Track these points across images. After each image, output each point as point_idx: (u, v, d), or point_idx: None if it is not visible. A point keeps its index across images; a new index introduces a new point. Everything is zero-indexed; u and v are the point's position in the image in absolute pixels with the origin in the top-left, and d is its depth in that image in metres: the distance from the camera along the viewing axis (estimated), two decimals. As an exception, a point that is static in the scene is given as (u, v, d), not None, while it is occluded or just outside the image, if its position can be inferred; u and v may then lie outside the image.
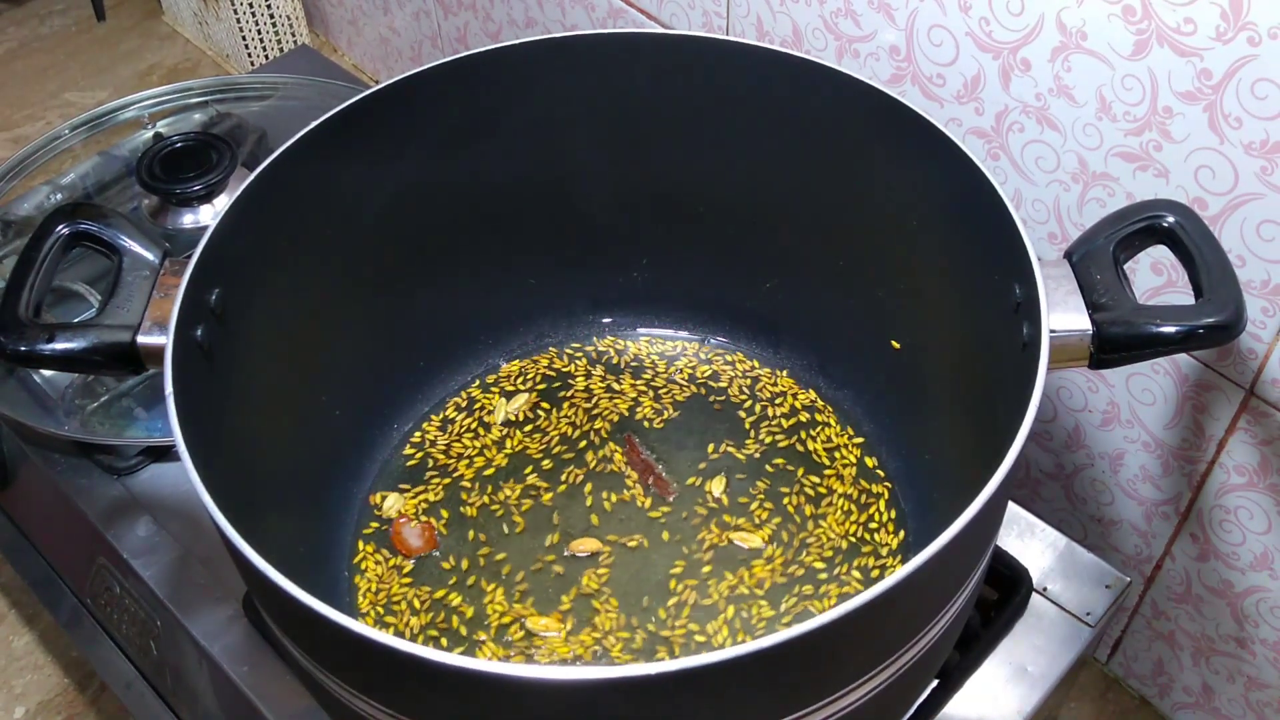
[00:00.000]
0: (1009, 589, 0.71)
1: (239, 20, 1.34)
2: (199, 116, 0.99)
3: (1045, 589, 0.72)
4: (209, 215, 0.88)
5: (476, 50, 0.69)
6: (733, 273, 0.79)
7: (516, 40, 0.70)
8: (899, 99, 0.63)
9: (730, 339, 0.83)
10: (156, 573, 0.75)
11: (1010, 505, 0.73)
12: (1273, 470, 0.70)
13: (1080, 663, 0.70)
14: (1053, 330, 0.53)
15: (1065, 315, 0.55)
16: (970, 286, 0.63)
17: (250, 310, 0.62)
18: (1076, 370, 0.77)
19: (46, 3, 1.55)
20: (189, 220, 0.89)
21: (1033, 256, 0.55)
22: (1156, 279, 0.69)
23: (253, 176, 0.62)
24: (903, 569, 0.45)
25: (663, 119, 0.73)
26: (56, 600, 0.86)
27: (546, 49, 0.70)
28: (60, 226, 0.60)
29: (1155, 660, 0.86)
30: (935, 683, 0.67)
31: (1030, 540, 0.74)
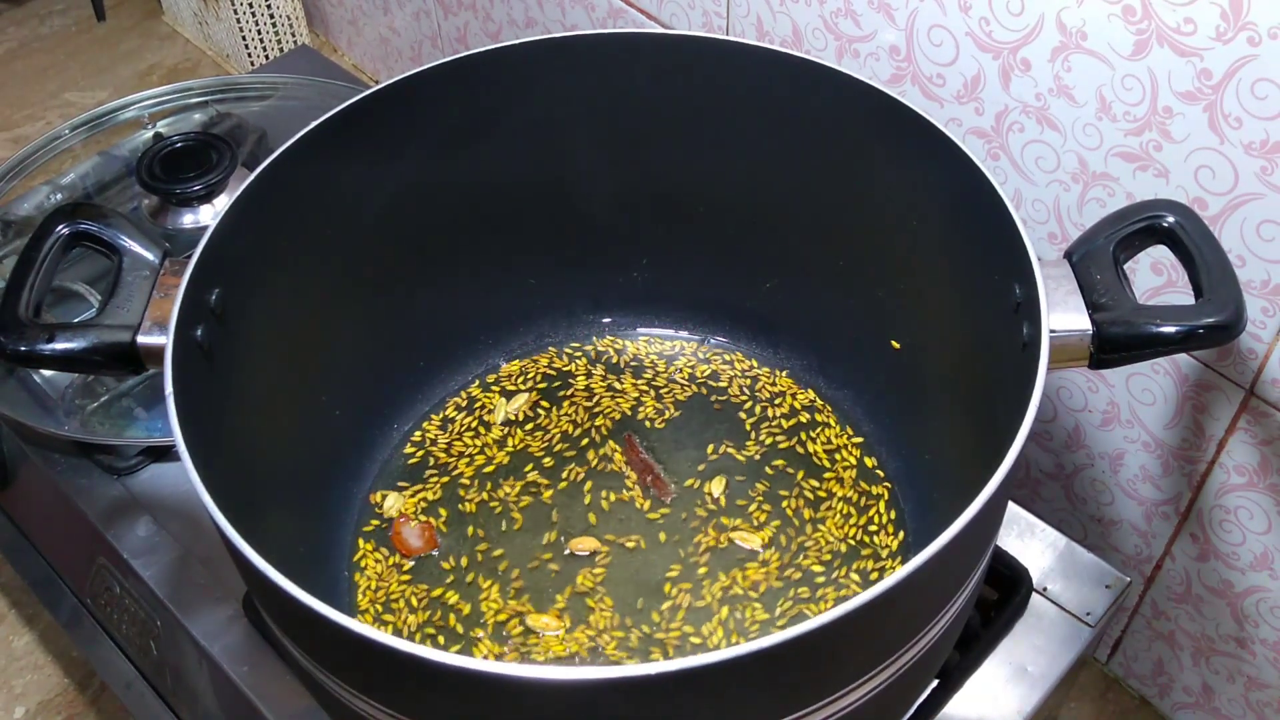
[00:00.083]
0: (1009, 589, 0.71)
1: (239, 20, 1.33)
2: (199, 116, 0.99)
3: (1045, 589, 0.72)
4: (209, 215, 0.88)
5: (476, 50, 0.69)
6: (733, 273, 0.79)
7: (516, 40, 0.70)
8: (899, 99, 0.63)
9: (730, 339, 0.83)
10: (156, 573, 0.75)
11: (1010, 505, 0.73)
12: (1273, 470, 0.70)
13: (1080, 663, 0.70)
14: (1053, 330, 0.53)
15: (1065, 315, 0.55)
16: (970, 286, 0.63)
17: (250, 310, 0.62)
18: (1076, 370, 0.77)
19: (46, 3, 1.55)
20: (189, 220, 0.89)
21: (1033, 256, 0.55)
22: (1156, 279, 0.69)
23: (253, 176, 0.62)
24: (903, 569, 0.45)
25: (663, 119, 0.73)
26: (56, 600, 0.86)
27: (546, 49, 0.70)
28: (60, 226, 0.60)
29: (1155, 660, 0.86)
30: (935, 683, 0.67)
31: (1030, 540, 0.74)
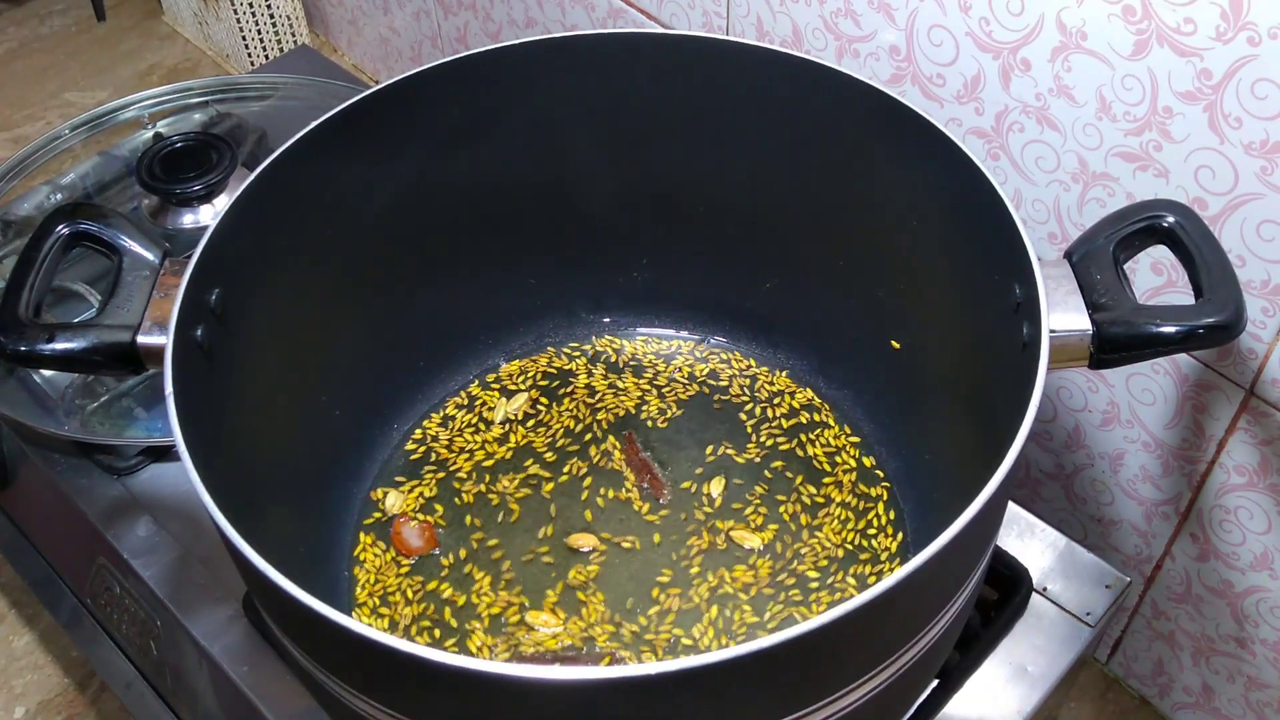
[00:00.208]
0: (1009, 589, 0.71)
1: (239, 20, 1.33)
2: (199, 116, 0.99)
3: (1045, 589, 0.72)
4: (209, 215, 0.88)
5: (476, 50, 0.69)
6: (733, 273, 0.79)
7: (516, 40, 0.70)
8: (899, 99, 0.63)
9: (730, 339, 0.83)
10: (156, 573, 0.75)
11: (1010, 505, 0.73)
12: (1273, 470, 0.70)
13: (1080, 663, 0.70)
14: (1053, 330, 0.53)
15: (1065, 315, 0.55)
16: (970, 286, 0.63)
17: (250, 310, 0.62)
18: (1076, 370, 0.77)
19: (46, 3, 1.55)
20: (189, 220, 0.89)
21: (1033, 256, 0.55)
22: (1156, 279, 0.69)
23: (253, 176, 0.62)
24: (902, 569, 0.45)
25: (663, 119, 0.73)
26: (56, 600, 0.86)
27: (546, 49, 0.70)
28: (60, 226, 0.60)
29: (1155, 660, 0.86)
30: (935, 683, 0.67)
31: (1030, 540, 0.74)
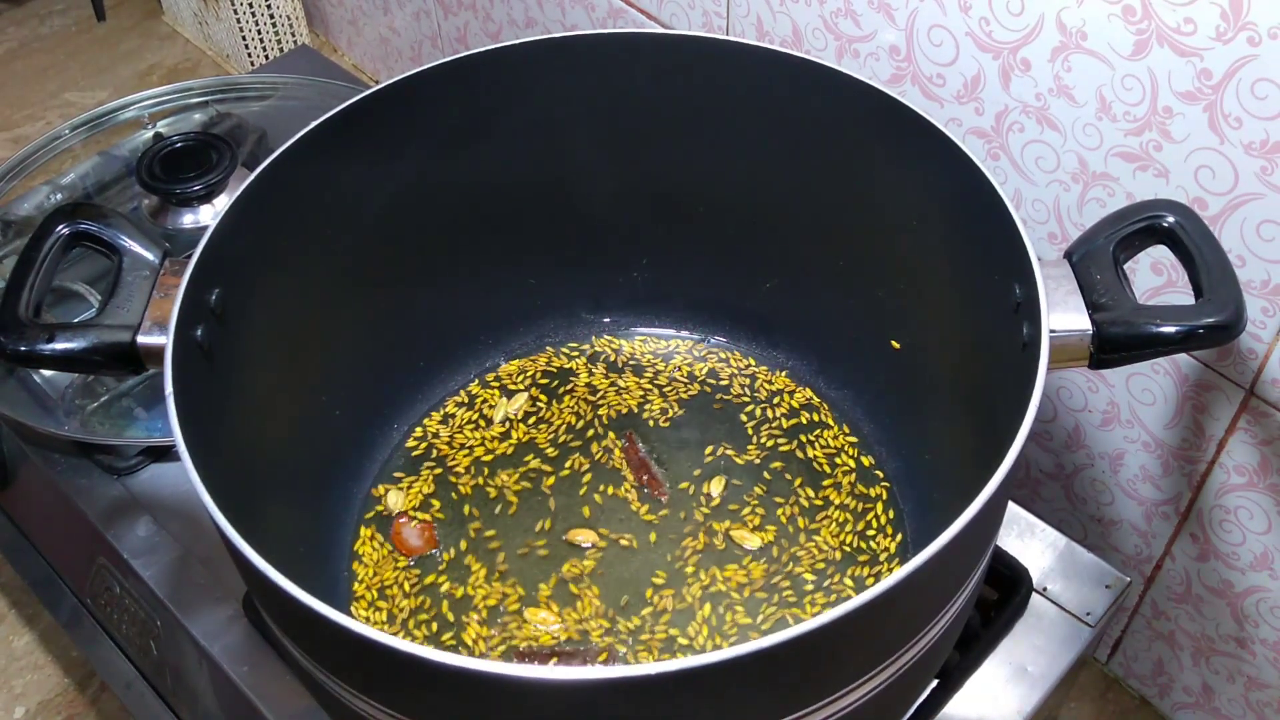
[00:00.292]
0: (1009, 589, 0.71)
1: (239, 20, 1.33)
2: (199, 116, 0.99)
3: (1045, 589, 0.72)
4: (209, 215, 0.88)
5: (476, 50, 0.69)
6: (733, 273, 0.79)
7: (516, 40, 0.70)
8: (899, 99, 0.63)
9: (730, 339, 0.83)
10: (156, 573, 0.75)
11: (1010, 505, 0.73)
12: (1273, 470, 0.70)
13: (1080, 663, 0.70)
14: (1053, 330, 0.53)
15: (1065, 315, 0.55)
16: (970, 286, 0.63)
17: (250, 310, 0.62)
18: (1076, 370, 0.77)
19: (46, 3, 1.55)
20: (189, 220, 0.89)
21: (1033, 256, 0.55)
22: (1156, 279, 0.69)
23: (253, 176, 0.62)
24: (902, 569, 0.45)
25: (663, 119, 0.73)
26: (56, 600, 0.86)
27: (546, 49, 0.70)
28: (60, 226, 0.60)
29: (1155, 660, 0.86)
30: (935, 683, 0.67)
31: (1030, 540, 0.74)
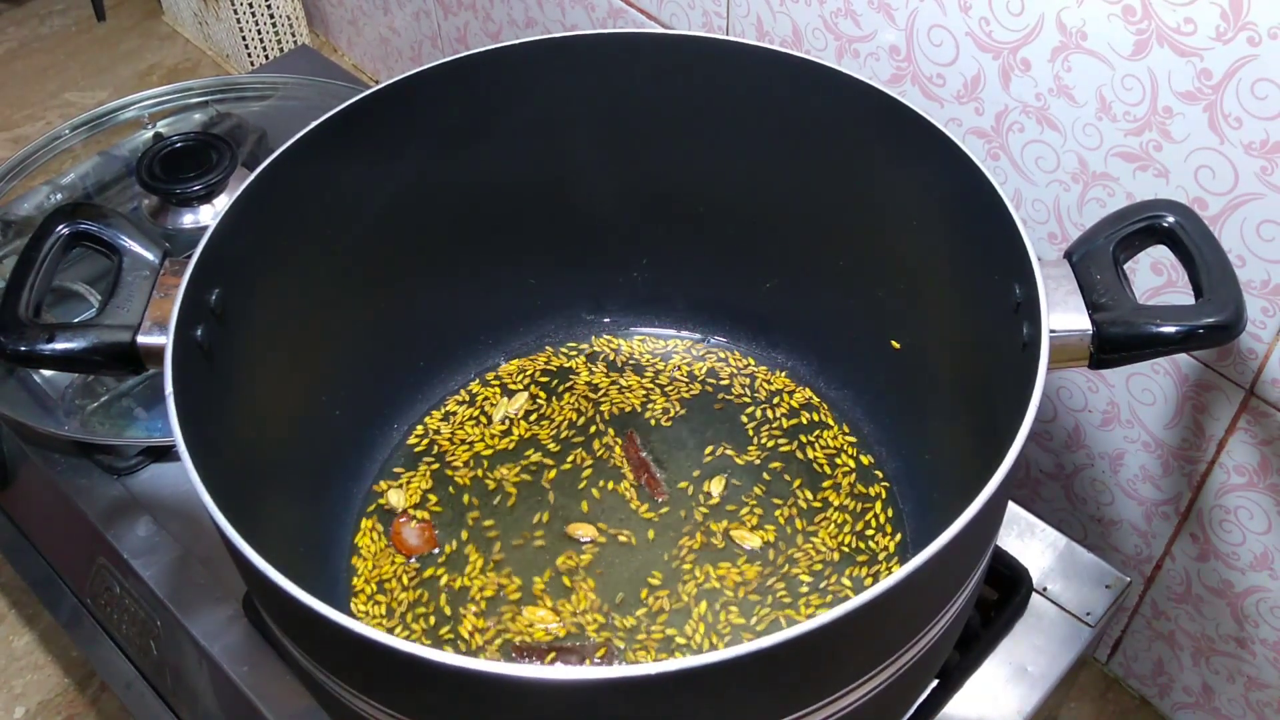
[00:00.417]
0: (1009, 589, 0.71)
1: (239, 20, 1.33)
2: (199, 116, 0.99)
3: (1045, 589, 0.72)
4: (209, 215, 0.88)
5: (476, 50, 0.69)
6: (733, 273, 0.79)
7: (516, 40, 0.70)
8: (899, 99, 0.63)
9: (730, 339, 0.83)
10: (156, 573, 0.75)
11: (1010, 505, 0.73)
12: (1273, 470, 0.70)
13: (1080, 663, 0.70)
14: (1053, 330, 0.53)
15: (1065, 315, 0.55)
16: (970, 286, 0.63)
17: (250, 310, 0.62)
18: (1076, 370, 0.77)
19: (46, 3, 1.55)
20: (189, 220, 0.89)
21: (1033, 256, 0.55)
22: (1156, 279, 0.69)
23: (253, 176, 0.62)
24: (902, 569, 0.45)
25: (663, 119, 0.73)
26: (56, 600, 0.86)
27: (546, 49, 0.70)
28: (60, 226, 0.60)
29: (1155, 660, 0.86)
30: (935, 683, 0.67)
31: (1030, 540, 0.74)
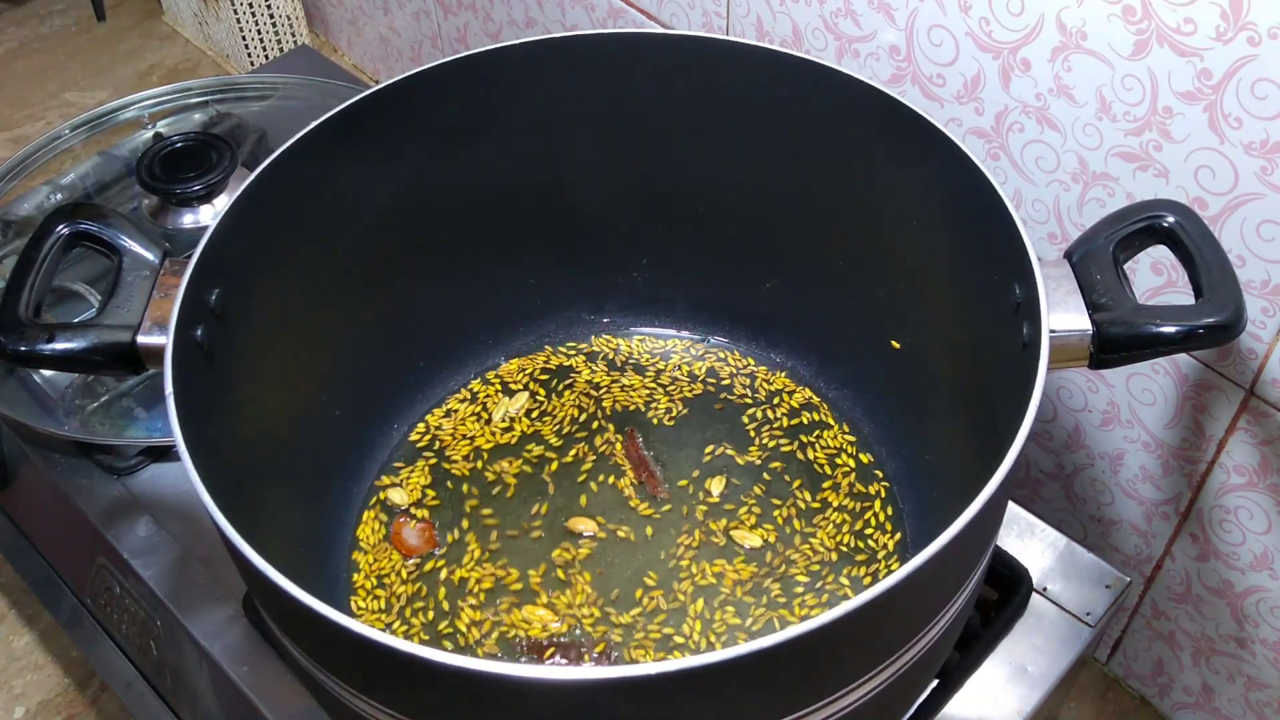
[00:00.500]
0: (1009, 589, 0.71)
1: (239, 20, 1.33)
2: (199, 116, 0.99)
3: (1045, 589, 0.72)
4: (209, 215, 0.88)
5: (476, 50, 0.69)
6: (733, 273, 0.79)
7: (516, 40, 0.70)
8: (899, 99, 0.63)
9: (730, 339, 0.83)
10: (156, 573, 0.75)
11: (1010, 505, 0.73)
12: (1273, 470, 0.70)
13: (1080, 663, 0.70)
14: (1053, 330, 0.53)
15: (1065, 315, 0.55)
16: (970, 286, 0.63)
17: (250, 310, 0.62)
18: (1076, 370, 0.77)
19: (46, 3, 1.55)
20: (189, 220, 0.89)
21: (1033, 256, 0.55)
22: (1156, 279, 0.69)
23: (253, 176, 0.62)
24: (902, 569, 0.45)
25: (663, 119, 0.73)
26: (56, 600, 0.86)
27: (546, 49, 0.70)
28: (60, 226, 0.60)
29: (1155, 660, 0.86)
30: (935, 683, 0.67)
31: (1030, 540, 0.74)
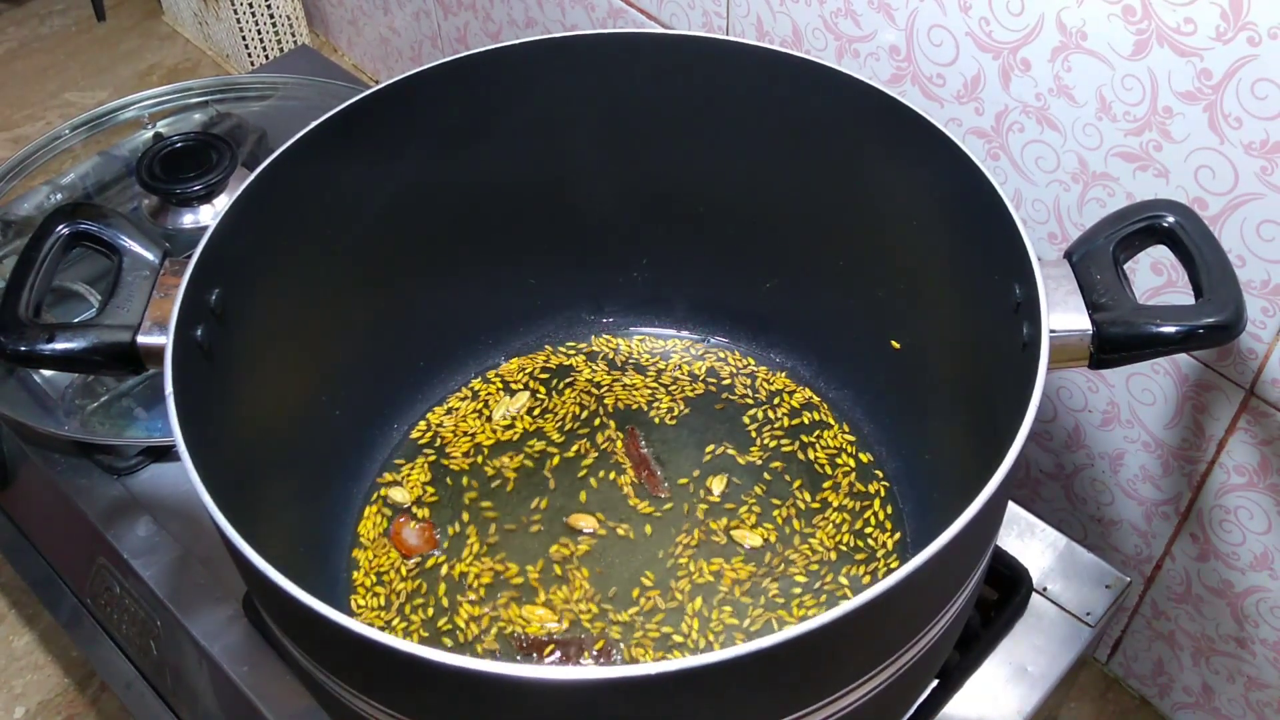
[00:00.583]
0: (1009, 589, 0.71)
1: (239, 20, 1.33)
2: (199, 116, 0.99)
3: (1045, 589, 0.72)
4: (209, 215, 0.88)
5: (476, 50, 0.69)
6: (733, 273, 0.79)
7: (516, 40, 0.70)
8: (899, 99, 0.63)
9: (730, 339, 0.83)
10: (156, 573, 0.75)
11: (1010, 505, 0.73)
12: (1273, 470, 0.70)
13: (1080, 663, 0.70)
14: (1053, 330, 0.53)
15: (1065, 315, 0.55)
16: (970, 286, 0.63)
17: (250, 310, 0.62)
18: (1076, 370, 0.77)
19: (46, 3, 1.55)
20: (189, 220, 0.89)
21: (1033, 256, 0.55)
22: (1156, 279, 0.69)
23: (253, 176, 0.62)
24: (902, 569, 0.45)
25: (663, 119, 0.73)
26: (56, 600, 0.86)
27: (546, 49, 0.70)
28: (60, 226, 0.60)
29: (1155, 660, 0.86)
30: (935, 683, 0.67)
31: (1030, 540, 0.74)
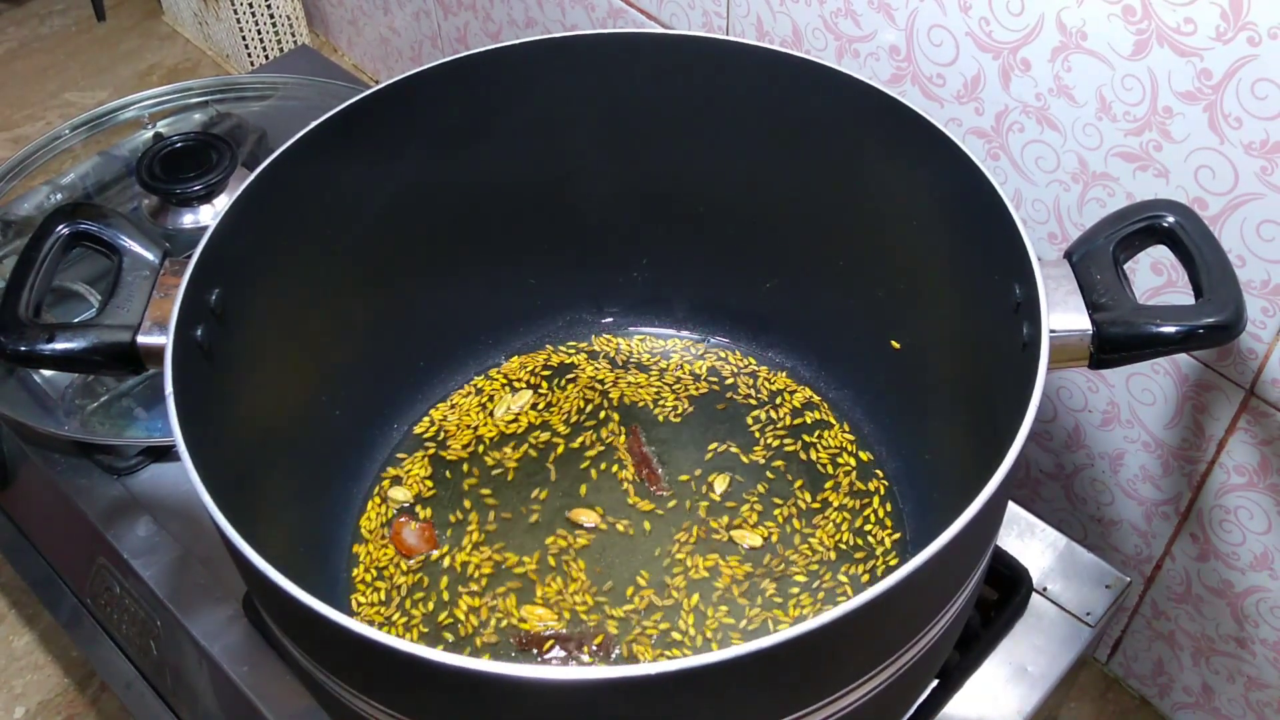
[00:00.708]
0: (1009, 589, 0.71)
1: (239, 20, 1.33)
2: (199, 116, 0.99)
3: (1045, 589, 0.72)
4: (209, 215, 0.88)
5: (476, 50, 0.69)
6: (733, 273, 0.79)
7: (516, 40, 0.70)
8: (899, 99, 0.63)
9: (730, 339, 0.83)
10: (156, 573, 0.75)
11: (1010, 505, 0.73)
12: (1273, 470, 0.70)
13: (1080, 663, 0.70)
14: (1053, 330, 0.53)
15: (1065, 315, 0.55)
16: (970, 286, 0.63)
17: (250, 310, 0.62)
18: (1076, 370, 0.77)
19: (46, 3, 1.55)
20: (189, 220, 0.89)
21: (1033, 256, 0.55)
22: (1156, 279, 0.69)
23: (253, 176, 0.62)
24: (902, 569, 0.45)
25: (663, 119, 0.73)
26: (56, 600, 0.86)
27: (546, 49, 0.70)
28: (60, 226, 0.60)
29: (1155, 660, 0.86)
30: (935, 683, 0.67)
31: (1030, 540, 0.74)
